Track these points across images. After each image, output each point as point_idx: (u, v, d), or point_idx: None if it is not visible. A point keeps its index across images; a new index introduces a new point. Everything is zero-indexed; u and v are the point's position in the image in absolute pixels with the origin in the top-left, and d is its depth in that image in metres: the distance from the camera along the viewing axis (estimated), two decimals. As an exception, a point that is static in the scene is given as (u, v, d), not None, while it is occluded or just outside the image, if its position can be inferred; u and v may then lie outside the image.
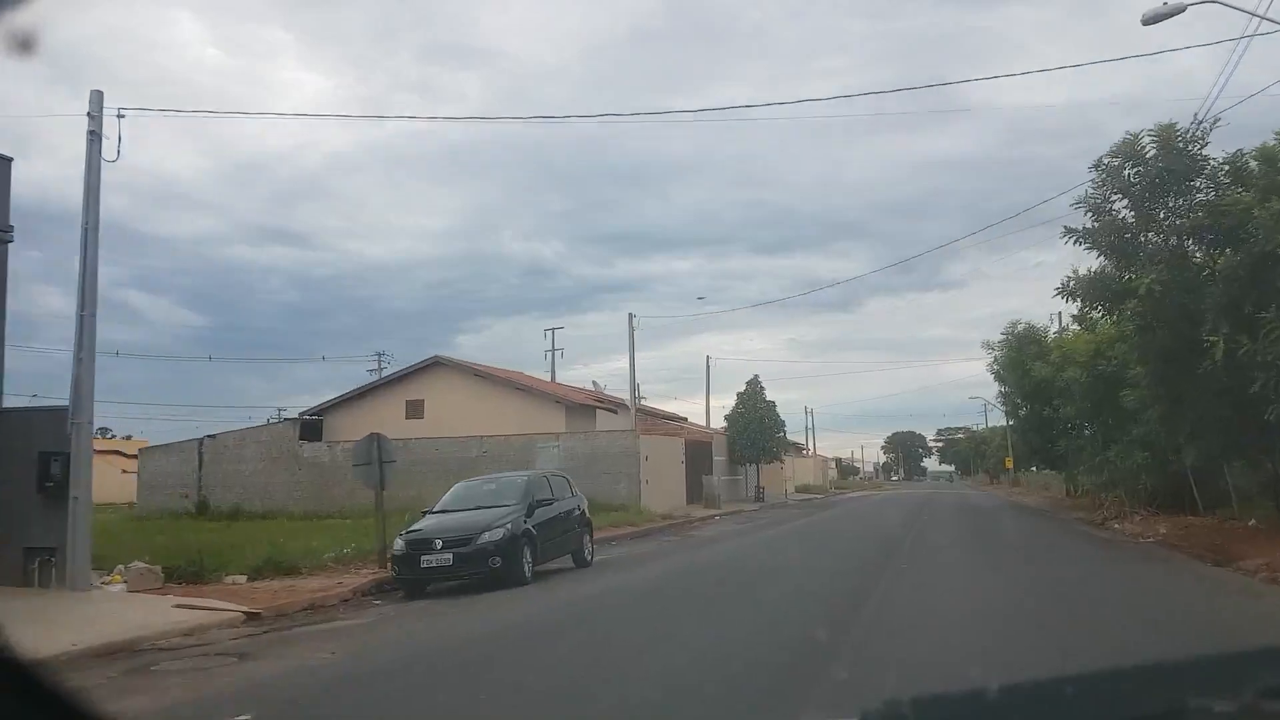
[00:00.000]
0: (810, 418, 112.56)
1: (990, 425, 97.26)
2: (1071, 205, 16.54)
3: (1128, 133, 15.95)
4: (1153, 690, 1.43)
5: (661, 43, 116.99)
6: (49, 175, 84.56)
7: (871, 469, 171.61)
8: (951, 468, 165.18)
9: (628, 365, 32.06)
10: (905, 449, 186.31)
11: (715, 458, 39.71)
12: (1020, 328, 34.53)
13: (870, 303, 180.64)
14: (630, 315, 31.65)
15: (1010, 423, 39.80)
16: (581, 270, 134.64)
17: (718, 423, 43.61)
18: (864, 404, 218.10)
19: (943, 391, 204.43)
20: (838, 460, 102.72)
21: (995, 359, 37.80)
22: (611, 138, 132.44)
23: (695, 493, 34.78)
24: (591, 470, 29.45)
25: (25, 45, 1.99)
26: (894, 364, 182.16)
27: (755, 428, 40.98)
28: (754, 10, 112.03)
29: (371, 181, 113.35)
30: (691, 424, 45.47)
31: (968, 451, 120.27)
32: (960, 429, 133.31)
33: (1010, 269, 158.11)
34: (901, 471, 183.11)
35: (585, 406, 33.62)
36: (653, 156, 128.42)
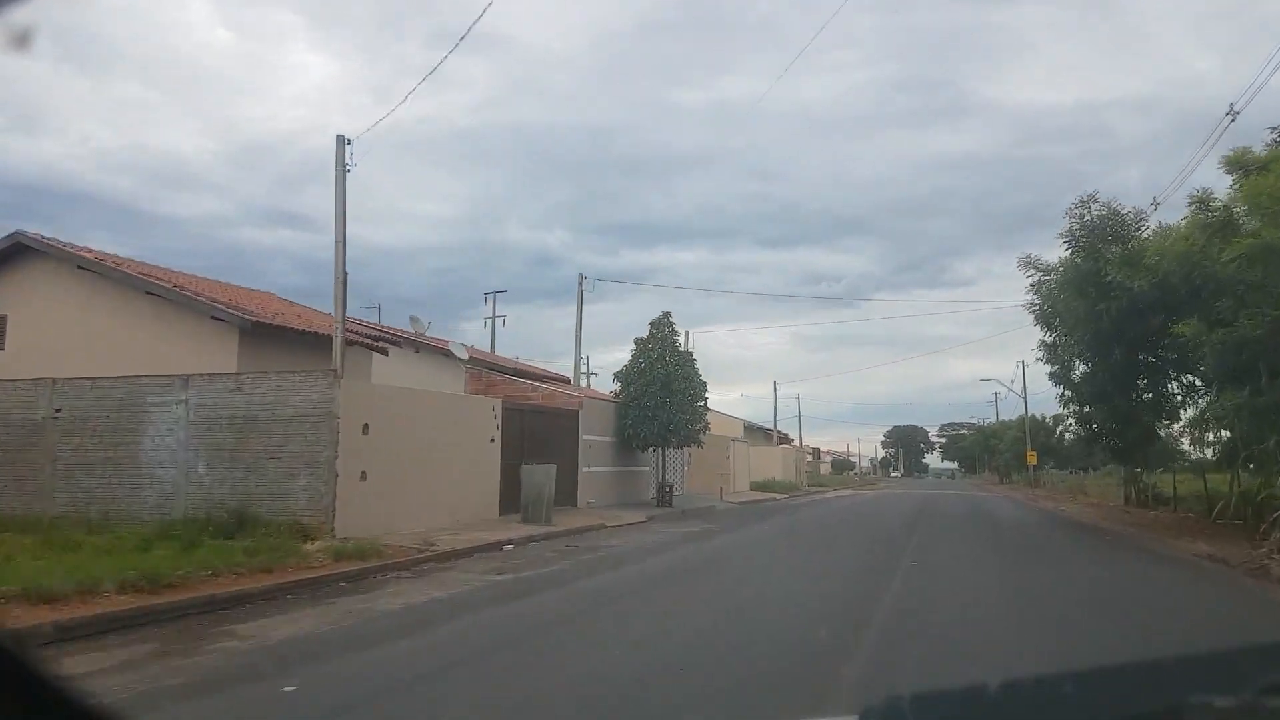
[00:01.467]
0: (798, 404, 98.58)
1: (1001, 420, 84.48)
2: None
3: None
4: (1154, 687, 1.37)
5: (670, 33, 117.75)
6: (56, 154, 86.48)
7: (868, 464, 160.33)
8: (955, 465, 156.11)
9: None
10: (906, 443, 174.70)
11: (586, 437, 24.83)
12: (1094, 212, 19.55)
13: (875, 299, 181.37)
14: (341, 137, 16.42)
15: (1061, 391, 24.91)
16: (587, 260, 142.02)
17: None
18: (865, 399, 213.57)
19: (945, 391, 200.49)
20: (816, 451, 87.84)
21: (1039, 284, 22.97)
22: (619, 129, 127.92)
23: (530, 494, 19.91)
24: (249, 447, 14.67)
25: (21, 41, 1.81)
26: (896, 360, 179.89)
27: (658, 392, 26.13)
28: (763, 2, 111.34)
29: (378, 167, 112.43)
30: (583, 390, 30.57)
31: (974, 447, 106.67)
32: (964, 424, 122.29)
33: (1017, 269, 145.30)
34: (901, 468, 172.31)
35: (285, 332, 18.52)
36: (660, 148, 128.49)
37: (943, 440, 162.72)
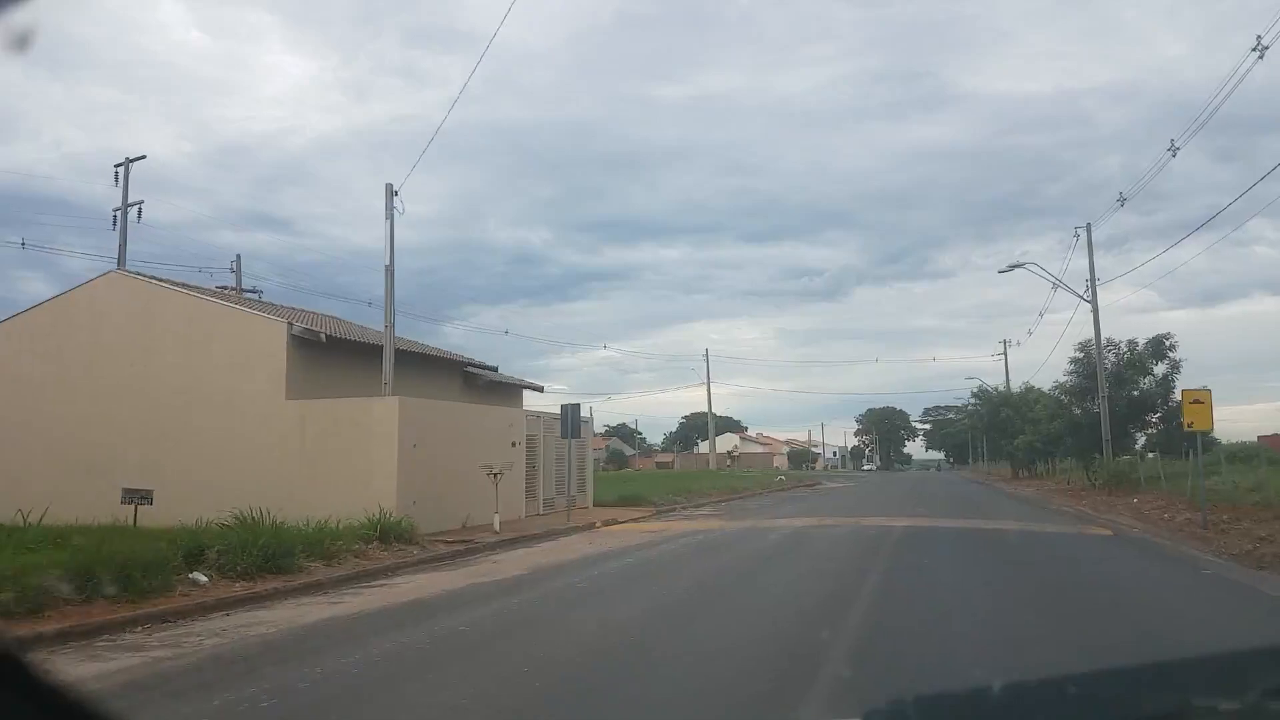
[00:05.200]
0: (707, 359, 70.62)
1: (1028, 384, 52.25)
2: None
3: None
4: (1157, 689, 1.35)
5: (648, 28, 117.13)
6: (30, 159, 78.81)
7: (833, 455, 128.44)
8: (941, 455, 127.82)
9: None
10: (884, 430, 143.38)
11: None
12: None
13: (857, 292, 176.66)
14: None
15: None
16: (569, 258, 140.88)
17: None
18: (849, 393, 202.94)
19: (931, 381, 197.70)
20: (571, 410, 54.57)
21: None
22: (599, 124, 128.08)
23: None
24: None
25: (21, 43, 1.78)
26: (883, 354, 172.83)
27: None
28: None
29: (355, 167, 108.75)
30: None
31: (970, 429, 74.41)
32: (951, 409, 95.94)
33: (998, 260, 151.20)
34: (877, 459, 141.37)
35: None
36: (641, 144, 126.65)
37: (927, 426, 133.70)
